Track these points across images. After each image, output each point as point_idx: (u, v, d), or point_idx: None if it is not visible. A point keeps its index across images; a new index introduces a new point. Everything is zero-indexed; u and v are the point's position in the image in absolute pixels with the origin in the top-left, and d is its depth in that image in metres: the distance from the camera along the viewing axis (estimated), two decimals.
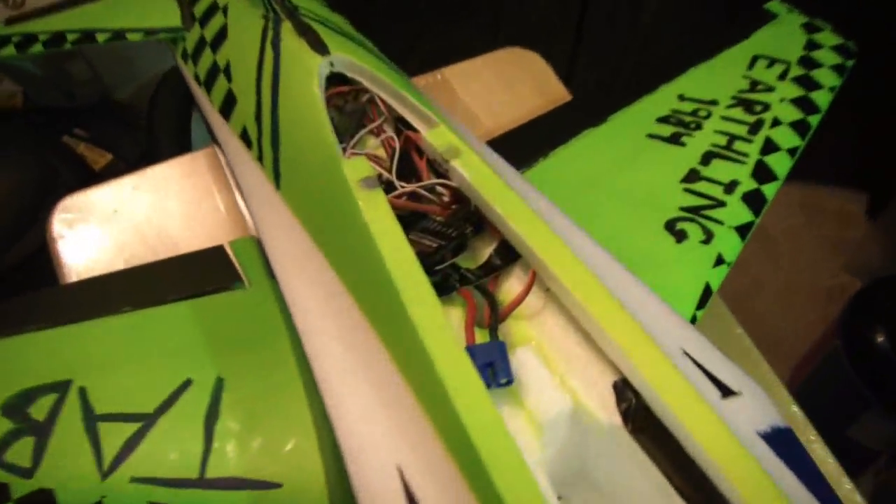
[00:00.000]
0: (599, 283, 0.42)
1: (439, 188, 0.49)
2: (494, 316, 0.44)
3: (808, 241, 1.39)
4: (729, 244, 0.57)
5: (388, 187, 0.49)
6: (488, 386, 0.41)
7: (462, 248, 0.46)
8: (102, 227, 0.71)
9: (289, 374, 0.50)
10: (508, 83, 0.81)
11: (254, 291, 0.56)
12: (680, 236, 0.57)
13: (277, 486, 0.47)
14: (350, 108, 0.56)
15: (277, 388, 0.51)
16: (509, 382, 0.41)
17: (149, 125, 0.93)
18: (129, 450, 0.49)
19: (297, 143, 0.52)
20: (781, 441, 0.42)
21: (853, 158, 1.35)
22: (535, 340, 0.44)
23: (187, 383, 0.52)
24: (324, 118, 0.50)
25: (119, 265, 0.68)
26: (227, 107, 0.61)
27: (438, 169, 0.49)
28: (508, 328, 0.45)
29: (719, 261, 0.56)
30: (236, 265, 0.59)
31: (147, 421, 0.50)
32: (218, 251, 0.60)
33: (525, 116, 0.76)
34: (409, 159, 0.52)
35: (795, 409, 0.67)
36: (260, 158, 0.56)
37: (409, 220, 0.49)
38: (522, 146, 0.68)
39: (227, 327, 0.55)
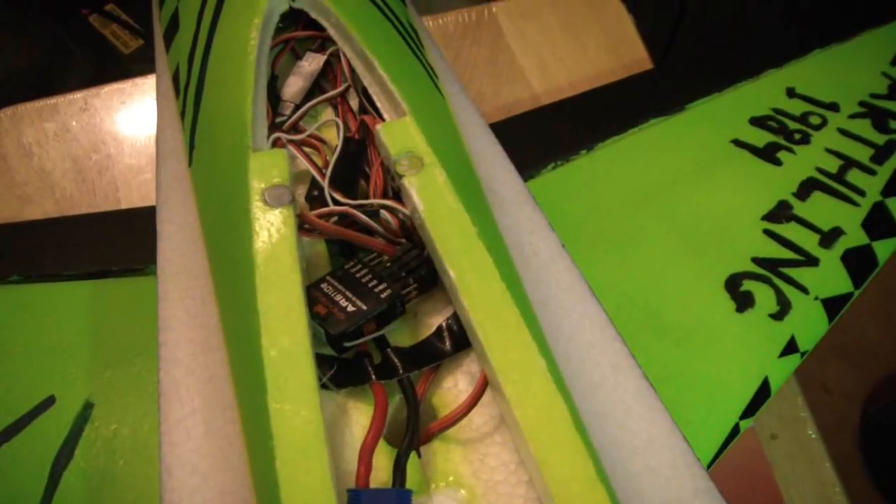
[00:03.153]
0: (573, 427, 0.27)
1: (387, 214, 0.33)
2: (410, 437, 0.29)
3: None
4: (810, 324, 0.41)
5: (322, 195, 0.34)
6: None
7: (394, 316, 0.31)
8: (38, 153, 0.58)
9: None
10: (574, 32, 0.63)
11: None
12: (744, 302, 0.42)
13: None
14: (309, 62, 0.40)
15: (151, 429, 0.39)
16: None
17: None
18: None
19: (217, 105, 0.38)
20: None
21: None
22: (468, 485, 0.29)
23: (49, 401, 0.40)
24: (248, 76, 0.35)
25: (49, 204, 0.55)
26: (170, 31, 0.47)
27: (392, 183, 0.34)
28: (433, 454, 0.30)
29: (791, 348, 0.40)
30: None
31: None
32: (148, 214, 0.47)
33: (586, 81, 0.59)
34: (365, 155, 0.37)
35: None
36: (182, 115, 0.42)
37: (342, 248, 0.35)
38: (569, 125, 0.52)
39: (120, 327, 0.43)
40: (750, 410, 0.39)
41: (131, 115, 0.58)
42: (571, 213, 0.44)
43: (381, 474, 0.29)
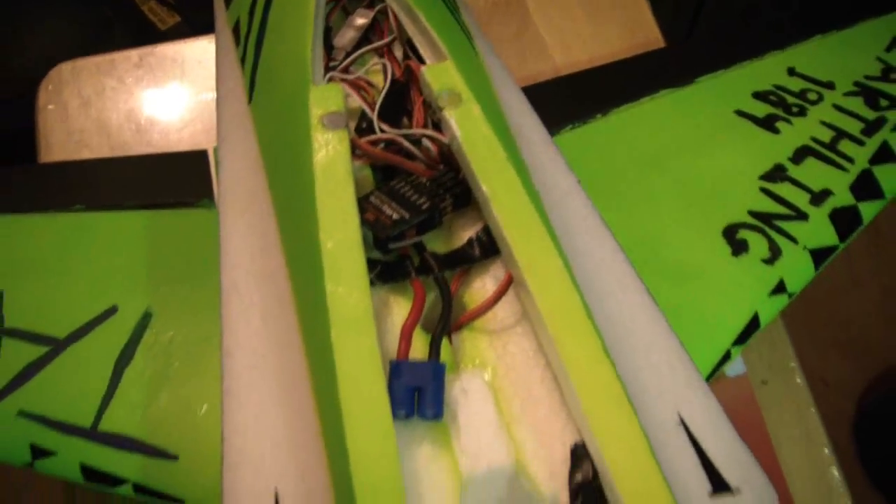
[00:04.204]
0: (586, 320, 0.32)
1: (427, 141, 0.38)
2: (443, 323, 0.34)
3: None
4: (797, 269, 0.46)
5: (369, 128, 0.39)
6: (409, 415, 0.31)
7: (432, 225, 0.36)
8: (93, 105, 0.63)
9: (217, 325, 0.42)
10: (593, 14, 0.68)
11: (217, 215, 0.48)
12: (739, 248, 0.46)
13: (173, 457, 0.40)
14: (360, 16, 0.45)
15: (205, 336, 0.43)
16: (437, 417, 0.32)
17: None
18: (28, 376, 0.43)
19: (277, 50, 0.42)
20: None
21: None
22: (492, 366, 0.34)
23: (112, 310, 0.45)
24: (307, 23, 0.40)
25: (104, 151, 0.60)
26: None
27: (433, 117, 0.39)
28: (462, 341, 0.35)
29: (780, 288, 0.45)
30: (213, 178, 0.50)
31: (56, 346, 0.43)
32: (198, 157, 0.52)
33: (604, 57, 0.64)
34: (408, 96, 0.41)
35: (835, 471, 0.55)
36: (242, 60, 0.46)
37: (385, 174, 0.39)
38: (586, 93, 0.57)
39: (176, 252, 0.47)
40: (741, 339, 0.43)
41: (182, 71, 0.63)
42: (585, 168, 0.48)
43: (418, 354, 0.34)
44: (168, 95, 0.63)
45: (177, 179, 0.51)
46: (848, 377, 1.17)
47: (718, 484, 0.32)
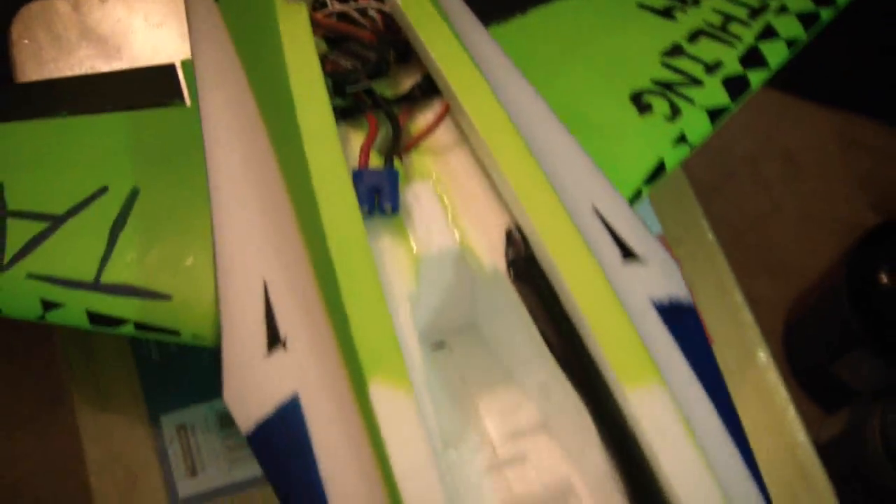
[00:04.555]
0: (511, 126, 0.39)
1: (373, 12, 0.45)
2: (395, 143, 0.41)
3: (837, 173, 1.33)
4: (696, 125, 0.53)
5: (321, 5, 0.46)
6: (370, 211, 0.38)
7: (380, 72, 0.43)
8: (65, 34, 0.69)
9: (202, 194, 0.48)
10: None
11: (192, 111, 0.54)
12: (644, 109, 0.54)
13: (167, 297, 0.46)
14: None
15: (189, 204, 0.49)
16: (394, 211, 0.39)
17: None
18: (32, 247, 0.48)
19: None
20: (677, 316, 0.39)
21: None
22: (436, 175, 0.41)
23: (103, 190, 0.51)
24: None
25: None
26: None
27: None
28: (410, 159, 0.42)
29: (681, 139, 0.52)
30: (182, 83, 0.57)
31: (55, 221, 0.49)
32: (167, 69, 0.58)
33: None
34: None
35: (762, 353, 0.63)
36: None
37: (336, 43, 0.46)
38: None
39: (156, 142, 0.53)
40: (650, 180, 0.51)
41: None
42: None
43: None
44: (137, 21, 0.69)
45: (150, 89, 0.57)
46: (775, 295, 1.25)
47: (628, 254, 0.40)
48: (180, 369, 0.57)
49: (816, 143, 1.34)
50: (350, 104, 0.43)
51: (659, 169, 0.51)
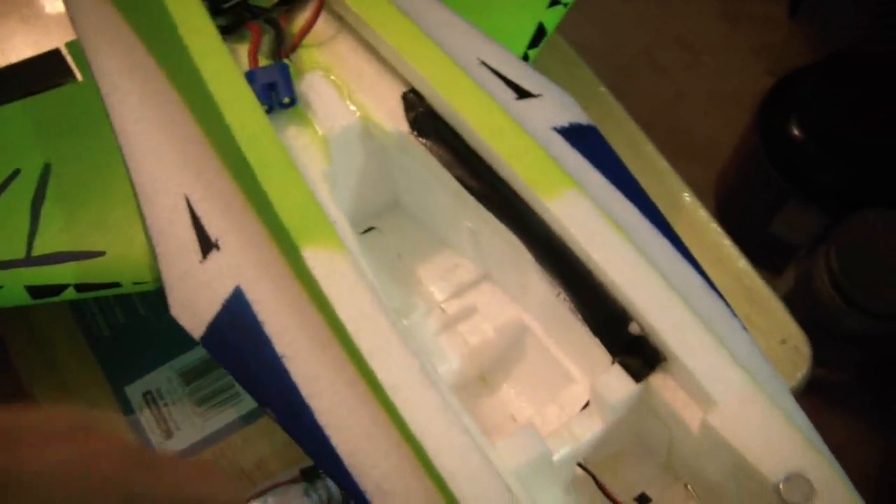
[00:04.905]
0: (388, 2, 0.41)
1: None
2: (280, 43, 0.42)
3: (730, 49, 1.37)
4: None
5: None
6: (270, 108, 0.40)
7: None
8: None
9: (114, 154, 0.49)
10: None
11: (86, 84, 0.55)
12: None
13: (100, 253, 0.47)
14: None
15: (103, 167, 0.50)
16: (293, 102, 0.40)
17: None
18: None
19: None
20: (581, 136, 0.41)
21: None
22: (325, 64, 0.43)
23: (15, 173, 0.51)
24: None
25: None
26: None
27: None
28: (298, 57, 0.43)
29: (554, 1, 0.54)
30: (70, 63, 0.57)
31: None
32: (53, 53, 0.59)
33: None
34: None
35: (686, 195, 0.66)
36: None
37: None
38: None
39: (58, 118, 0.54)
40: (534, 44, 0.53)
41: None
42: None
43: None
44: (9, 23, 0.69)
45: (40, 74, 0.57)
46: (699, 179, 1.28)
47: (523, 93, 0.42)
48: (133, 338, 0.57)
49: (705, 24, 1.38)
50: (231, 21, 0.44)
51: (540, 32, 0.53)
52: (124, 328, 0.58)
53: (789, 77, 1.10)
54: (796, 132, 1.06)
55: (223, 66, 0.39)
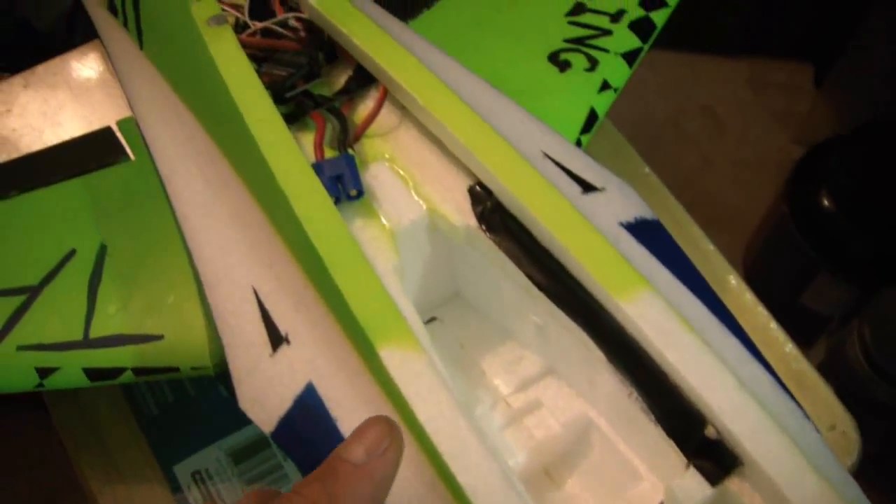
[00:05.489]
0: (450, 91, 0.42)
1: (293, 22, 0.47)
2: (344, 134, 0.43)
3: (756, 116, 1.38)
4: (615, 70, 0.56)
5: (244, 28, 0.48)
6: (338, 200, 0.40)
7: (314, 76, 0.45)
8: None
9: (169, 234, 0.49)
10: None
11: (139, 163, 0.56)
12: (563, 66, 0.56)
13: (159, 337, 0.47)
14: None
15: (158, 247, 0.50)
16: (360, 194, 0.41)
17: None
18: (16, 320, 0.49)
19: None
20: (647, 231, 0.41)
21: (799, 28, 1.33)
22: (389, 154, 0.43)
23: (72, 253, 0.51)
24: None
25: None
26: None
27: (292, 5, 0.48)
28: (362, 146, 0.44)
29: (605, 86, 0.55)
30: (122, 141, 0.58)
31: (32, 292, 0.50)
32: (105, 131, 0.60)
33: None
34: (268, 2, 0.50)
35: (732, 278, 0.66)
36: (125, 24, 0.55)
37: (266, 57, 0.48)
38: None
39: (112, 197, 0.54)
40: (586, 129, 0.54)
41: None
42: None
43: None
44: (61, 102, 0.70)
45: (93, 152, 0.58)
46: (726, 246, 1.28)
47: (587, 187, 0.42)
48: (181, 417, 0.57)
49: (731, 93, 1.39)
50: (293, 109, 0.45)
51: (591, 117, 0.54)
52: (172, 406, 0.58)
53: (819, 147, 1.10)
54: (826, 203, 1.06)
55: (292, 158, 0.40)
